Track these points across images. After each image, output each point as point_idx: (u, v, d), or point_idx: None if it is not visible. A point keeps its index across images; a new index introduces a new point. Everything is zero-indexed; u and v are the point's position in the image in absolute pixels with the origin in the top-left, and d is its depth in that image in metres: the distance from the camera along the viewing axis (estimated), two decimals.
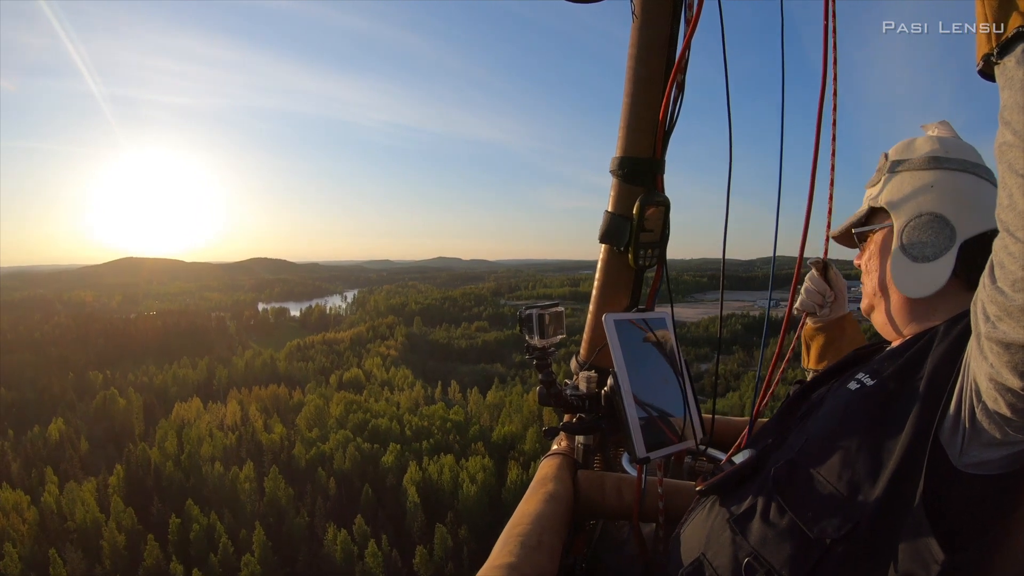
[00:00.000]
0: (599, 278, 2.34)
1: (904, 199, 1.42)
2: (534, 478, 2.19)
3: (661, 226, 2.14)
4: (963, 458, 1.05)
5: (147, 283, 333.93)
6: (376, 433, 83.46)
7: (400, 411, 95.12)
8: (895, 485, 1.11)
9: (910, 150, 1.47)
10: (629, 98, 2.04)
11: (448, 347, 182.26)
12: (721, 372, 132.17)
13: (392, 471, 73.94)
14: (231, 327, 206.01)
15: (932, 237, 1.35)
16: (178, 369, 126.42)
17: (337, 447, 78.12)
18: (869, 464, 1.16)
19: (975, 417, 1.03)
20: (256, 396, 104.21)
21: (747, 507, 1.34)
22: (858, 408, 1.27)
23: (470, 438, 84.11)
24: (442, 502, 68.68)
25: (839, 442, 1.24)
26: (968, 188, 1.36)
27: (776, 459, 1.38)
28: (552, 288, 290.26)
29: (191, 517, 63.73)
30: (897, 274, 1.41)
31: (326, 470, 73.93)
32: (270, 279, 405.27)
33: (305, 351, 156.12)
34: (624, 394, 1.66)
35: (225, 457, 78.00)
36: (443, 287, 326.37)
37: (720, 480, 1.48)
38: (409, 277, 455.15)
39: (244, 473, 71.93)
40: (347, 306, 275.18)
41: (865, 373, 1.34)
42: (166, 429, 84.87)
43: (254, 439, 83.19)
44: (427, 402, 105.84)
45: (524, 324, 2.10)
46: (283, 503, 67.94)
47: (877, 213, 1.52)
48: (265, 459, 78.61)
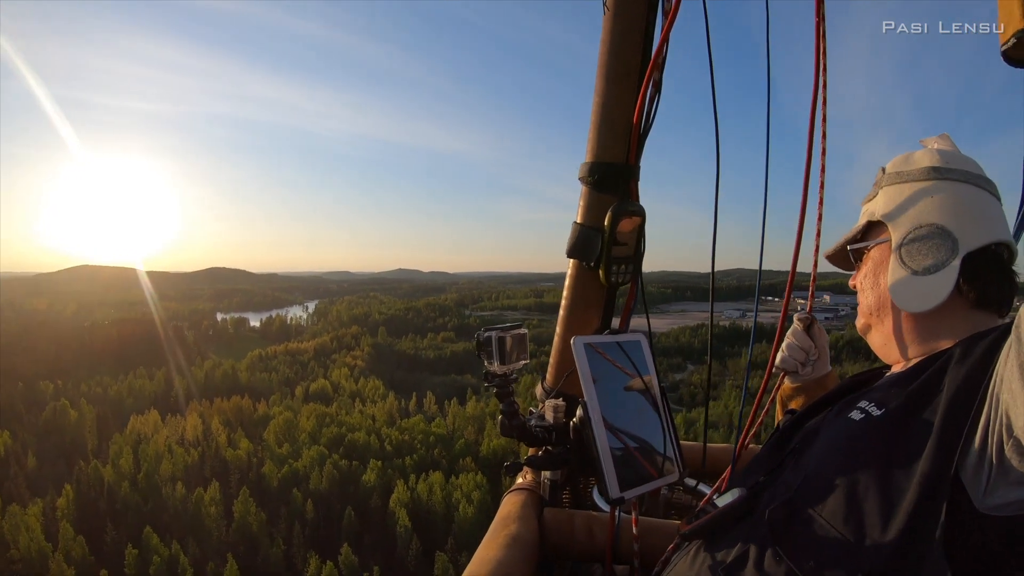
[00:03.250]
0: (567, 296, 2.14)
1: (902, 210, 1.33)
2: (495, 517, 2.00)
3: (636, 239, 1.98)
4: (987, 499, 0.94)
5: (103, 291, 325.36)
6: (353, 448, 77.53)
7: (377, 424, 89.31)
8: (911, 529, 0.96)
9: (908, 163, 1.38)
10: (601, 97, 1.89)
11: (416, 358, 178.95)
12: (698, 382, 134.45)
13: (376, 491, 67.56)
14: (189, 337, 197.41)
15: (933, 249, 1.26)
16: (134, 380, 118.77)
17: (312, 464, 71.44)
18: (879, 505, 1.01)
19: (1003, 453, 0.92)
20: (218, 408, 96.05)
21: (738, 554, 1.18)
22: (864, 441, 1.12)
23: (457, 453, 78.33)
24: (435, 525, 62.70)
25: (843, 480, 1.08)
26: (970, 199, 1.28)
27: (769, 499, 1.23)
28: (516, 299, 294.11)
29: (150, 547, 57.02)
30: (896, 288, 1.31)
31: (301, 491, 67.86)
32: (228, 289, 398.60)
33: (268, 361, 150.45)
34: (595, 425, 1.49)
35: (187, 476, 70.91)
36: (405, 298, 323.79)
37: (706, 523, 1.31)
38: (369, 288, 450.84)
39: (209, 495, 65.16)
40: (308, 316, 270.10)
41: (869, 402, 1.19)
42: (121, 444, 77.91)
43: (218, 456, 76.71)
44: (402, 414, 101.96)
45: (482, 348, 1.82)
46: (255, 529, 61.60)
47: (874, 228, 1.42)
48: (232, 478, 71.65)
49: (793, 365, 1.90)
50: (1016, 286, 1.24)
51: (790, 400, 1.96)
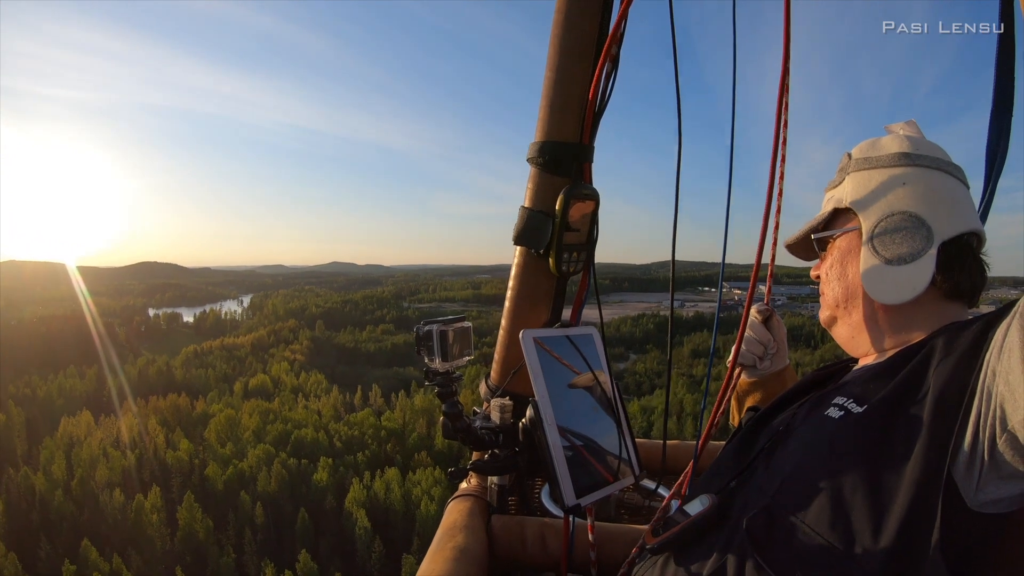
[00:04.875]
0: (513, 287, 2.03)
1: (873, 197, 1.28)
2: (439, 527, 1.91)
3: (589, 224, 1.89)
4: (978, 496, 0.92)
5: (29, 288, 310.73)
6: (301, 446, 74.47)
7: (324, 420, 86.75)
8: (904, 533, 0.92)
9: (876, 148, 1.33)
10: (553, 72, 1.81)
11: (356, 351, 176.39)
12: (642, 371, 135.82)
13: (329, 490, 64.73)
14: (121, 333, 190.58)
15: (907, 237, 1.21)
16: (64, 379, 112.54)
17: (258, 465, 68.03)
18: (868, 509, 0.96)
19: (996, 448, 0.89)
20: (154, 407, 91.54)
21: (714, 567, 1.10)
22: (847, 441, 1.05)
23: (411, 447, 76.13)
24: (396, 525, 60.34)
25: (826, 483, 1.02)
26: (942, 186, 1.24)
27: (743, 505, 1.16)
28: (454, 291, 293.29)
29: (89, 561, 53.22)
30: (870, 279, 1.25)
31: (249, 493, 64.12)
32: (160, 284, 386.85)
33: (203, 357, 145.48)
34: (547, 426, 1.45)
35: (125, 482, 66.41)
36: (341, 291, 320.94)
37: (677, 535, 1.21)
38: (304, 282, 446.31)
39: (150, 502, 60.91)
40: (243, 311, 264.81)
41: (847, 398, 1.14)
42: (52, 449, 73.07)
43: (157, 458, 72.45)
44: (347, 409, 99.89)
45: (422, 343, 1.66)
46: (202, 537, 57.82)
47: (840, 216, 1.37)
48: (173, 482, 67.60)
49: (751, 359, 1.86)
50: (986, 276, 1.23)
51: (747, 396, 1.91)
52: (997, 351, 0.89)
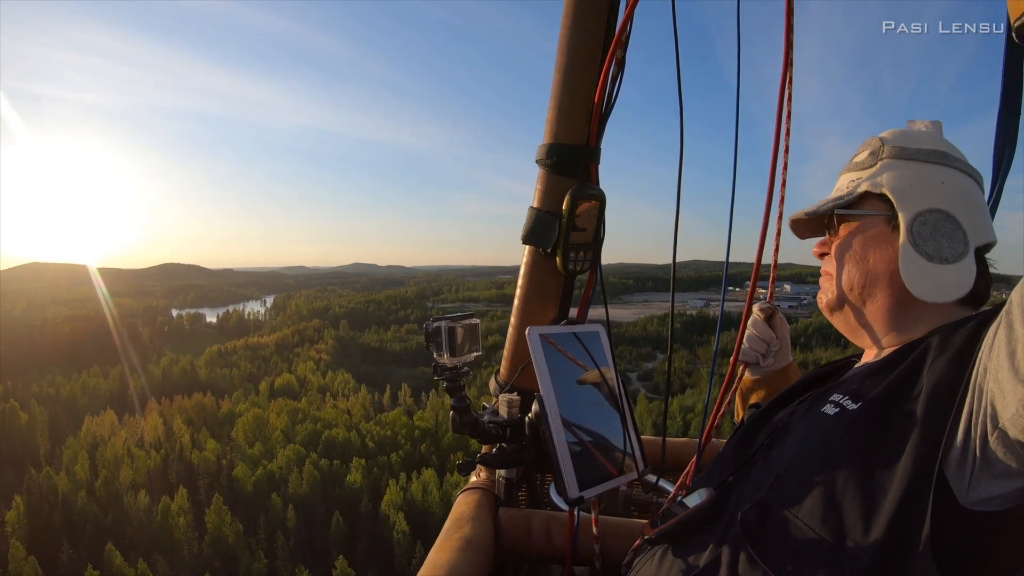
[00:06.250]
0: (522, 285, 2.09)
1: (914, 190, 1.25)
2: (448, 519, 1.96)
3: (595, 224, 1.93)
4: (970, 493, 0.93)
5: (53, 289, 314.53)
6: (332, 446, 72.35)
7: (354, 419, 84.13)
8: (895, 529, 0.93)
9: (912, 140, 1.31)
10: (561, 75, 1.85)
11: (381, 350, 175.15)
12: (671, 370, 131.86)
13: (364, 492, 62.32)
14: (144, 333, 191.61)
15: (948, 238, 1.20)
16: (87, 378, 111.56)
17: (289, 466, 66.00)
18: (860, 504, 0.97)
19: (987, 445, 0.90)
20: (179, 407, 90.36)
21: (709, 559, 1.12)
22: (840, 437, 1.07)
23: (446, 448, 73.29)
24: (435, 528, 54.77)
25: (819, 479, 1.04)
26: (972, 192, 1.25)
27: (739, 498, 1.18)
28: (477, 291, 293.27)
29: (113, 566, 51.52)
30: (911, 273, 1.21)
31: (280, 495, 62.26)
32: (183, 285, 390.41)
33: (227, 357, 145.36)
34: (552, 421, 1.49)
35: (150, 483, 64.96)
36: (363, 291, 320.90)
37: (674, 526, 1.24)
38: (326, 282, 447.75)
39: (177, 503, 59.48)
40: (266, 311, 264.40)
41: (843, 395, 1.15)
42: (76, 449, 71.35)
43: (183, 458, 70.36)
44: (376, 408, 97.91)
45: (431, 339, 1.72)
46: (231, 541, 55.89)
47: (869, 199, 1.32)
48: (200, 484, 65.76)
49: (754, 357, 1.88)
50: (992, 283, 1.24)
51: (751, 393, 1.93)
52: (988, 348, 0.90)
